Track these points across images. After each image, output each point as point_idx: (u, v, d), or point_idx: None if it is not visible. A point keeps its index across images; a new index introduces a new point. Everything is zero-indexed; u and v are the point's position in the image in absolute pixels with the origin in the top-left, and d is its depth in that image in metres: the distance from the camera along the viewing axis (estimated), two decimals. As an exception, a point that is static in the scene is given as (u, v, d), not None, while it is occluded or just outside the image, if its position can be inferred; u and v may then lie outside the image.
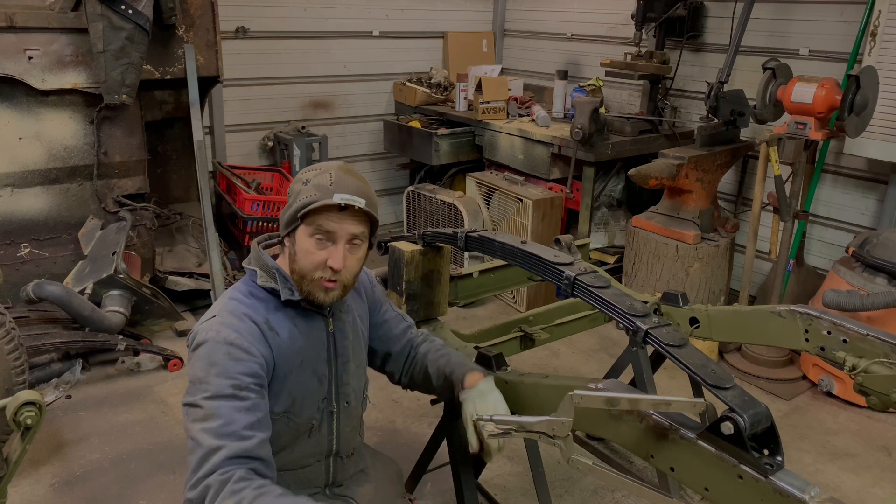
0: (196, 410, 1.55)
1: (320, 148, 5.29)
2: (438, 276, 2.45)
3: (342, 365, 1.83)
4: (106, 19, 3.47)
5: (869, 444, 3.33)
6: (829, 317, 1.93)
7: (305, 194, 1.64)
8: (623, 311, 1.81)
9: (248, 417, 1.55)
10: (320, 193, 1.62)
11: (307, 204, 1.62)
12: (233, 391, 1.55)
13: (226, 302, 1.70)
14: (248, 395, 1.57)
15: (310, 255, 1.65)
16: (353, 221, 1.66)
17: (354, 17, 5.55)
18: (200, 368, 1.58)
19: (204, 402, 1.54)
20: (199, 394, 1.55)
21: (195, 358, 1.61)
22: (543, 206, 4.48)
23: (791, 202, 3.77)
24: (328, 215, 1.63)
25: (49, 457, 3.05)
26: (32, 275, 3.71)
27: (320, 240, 1.65)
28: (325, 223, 1.64)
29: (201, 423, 1.52)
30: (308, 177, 1.68)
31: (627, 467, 3.00)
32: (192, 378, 1.60)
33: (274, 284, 1.71)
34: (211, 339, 1.60)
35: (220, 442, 1.49)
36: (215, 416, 1.52)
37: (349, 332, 1.85)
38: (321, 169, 1.69)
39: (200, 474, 1.48)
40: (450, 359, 1.94)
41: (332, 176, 1.65)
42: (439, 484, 2.79)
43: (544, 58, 5.95)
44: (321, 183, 1.64)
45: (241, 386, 1.57)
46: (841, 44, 4.08)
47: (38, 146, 3.73)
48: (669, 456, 1.44)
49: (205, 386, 1.56)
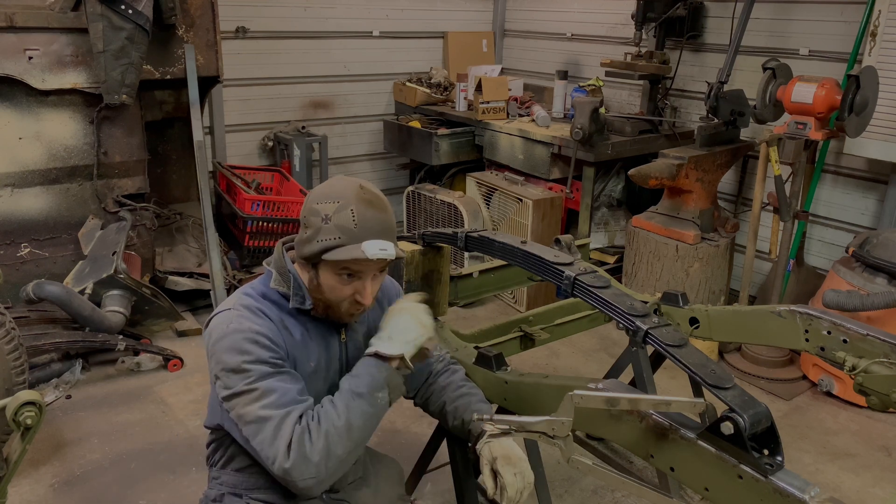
0: (245, 396, 1.58)
1: (320, 148, 5.29)
2: (438, 276, 2.45)
3: None
4: (106, 19, 3.47)
5: (869, 444, 3.33)
6: (829, 317, 1.93)
7: (328, 235, 1.58)
8: (623, 311, 1.81)
9: (297, 385, 1.62)
10: (346, 238, 1.57)
11: (330, 248, 1.58)
12: (273, 370, 1.60)
13: (240, 297, 1.71)
14: (287, 370, 1.63)
15: (336, 290, 1.64)
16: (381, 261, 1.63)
17: (354, 17, 5.55)
18: (232, 360, 1.59)
19: (253, 385, 1.57)
20: (240, 382, 1.58)
21: (221, 350, 1.61)
22: (543, 206, 4.48)
23: (791, 202, 3.77)
24: (357, 262, 1.60)
25: (49, 457, 3.05)
26: (32, 275, 3.71)
27: (348, 277, 1.63)
28: (352, 266, 1.61)
29: (258, 402, 1.56)
30: (327, 211, 1.59)
31: (627, 467, 3.00)
32: (224, 370, 1.60)
33: (286, 290, 1.70)
34: (234, 331, 1.61)
35: (286, 409, 1.56)
36: (269, 391, 1.56)
37: (362, 343, 1.82)
38: (340, 201, 1.60)
39: (282, 440, 1.53)
40: (469, 402, 1.90)
41: (355, 215, 1.58)
42: (439, 484, 2.79)
43: (544, 58, 5.95)
44: (343, 224, 1.58)
45: (278, 365, 1.61)
46: (841, 44, 4.08)
47: (38, 146, 3.73)
48: (669, 456, 1.44)
49: (244, 374, 1.58)
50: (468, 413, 1.86)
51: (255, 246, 4.49)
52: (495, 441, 1.73)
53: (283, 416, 1.55)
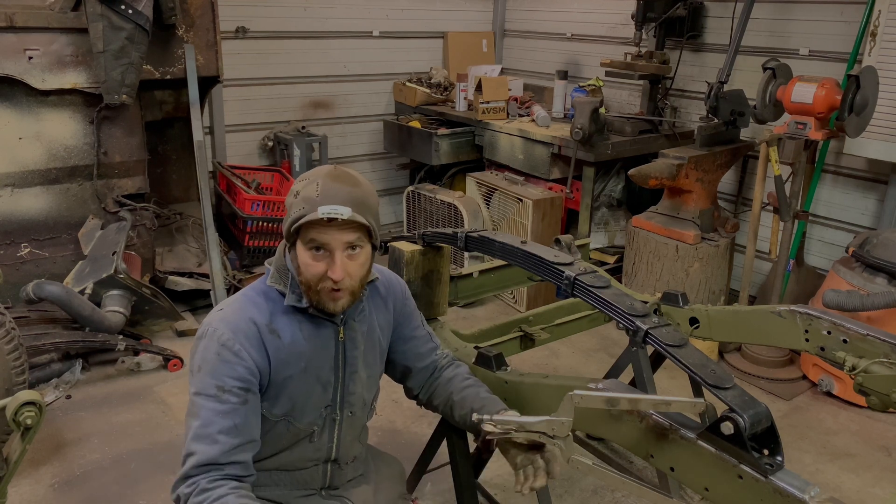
0: (189, 405, 1.64)
1: (320, 148, 5.29)
2: (438, 276, 2.45)
3: (350, 374, 1.80)
4: (106, 19, 3.47)
5: (869, 444, 3.33)
6: (829, 317, 1.93)
7: (296, 208, 1.62)
8: (623, 311, 1.81)
9: (224, 422, 1.60)
10: (308, 207, 1.59)
11: (296, 219, 1.61)
12: (215, 392, 1.61)
13: (238, 297, 1.74)
14: (228, 399, 1.61)
15: (310, 267, 1.64)
16: (345, 230, 1.62)
17: (354, 17, 5.55)
18: (195, 363, 1.66)
19: (192, 398, 1.63)
20: (192, 386, 1.64)
21: (195, 349, 1.68)
22: (543, 206, 4.48)
23: (791, 202, 3.77)
24: (318, 229, 1.61)
25: (49, 457, 3.05)
26: (32, 275, 3.71)
27: (317, 251, 1.63)
28: (317, 236, 1.61)
29: (188, 420, 1.63)
30: (298, 188, 1.65)
31: (627, 467, 3.00)
32: (190, 368, 1.68)
33: (282, 287, 1.71)
34: (208, 336, 1.65)
35: (194, 446, 1.59)
36: (196, 415, 1.61)
37: (361, 342, 1.82)
38: (310, 178, 1.65)
39: (178, 476, 1.59)
40: (478, 392, 1.90)
41: (319, 186, 1.61)
42: (439, 484, 2.79)
43: (544, 58, 5.95)
44: (308, 195, 1.61)
45: (225, 388, 1.61)
46: (841, 44, 4.08)
47: (38, 146, 3.73)
48: (669, 456, 1.44)
49: (195, 380, 1.64)
50: (477, 402, 1.85)
51: (255, 246, 4.49)
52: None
53: (187, 453, 1.59)
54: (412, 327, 1.99)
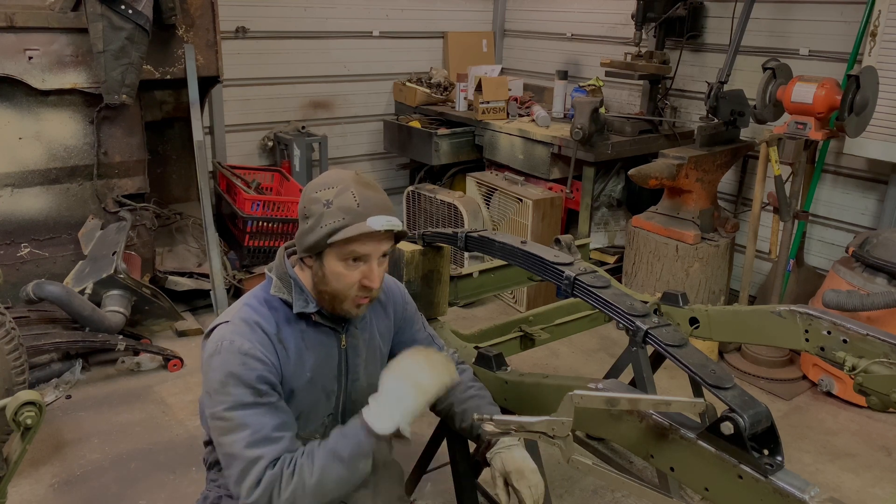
0: (222, 423, 1.57)
1: (320, 148, 5.29)
2: (438, 276, 2.45)
3: (352, 383, 1.79)
4: (106, 19, 3.47)
5: (869, 444, 3.34)
6: (829, 317, 1.93)
7: (332, 219, 1.56)
8: (623, 311, 1.81)
9: (273, 419, 1.58)
10: (350, 217, 1.55)
11: (337, 230, 1.56)
12: (253, 399, 1.57)
13: (240, 307, 1.69)
14: (268, 400, 1.59)
15: (343, 277, 1.61)
16: (384, 239, 1.61)
17: (354, 17, 5.55)
18: (217, 380, 1.58)
19: (228, 414, 1.56)
20: (220, 405, 1.57)
21: (211, 368, 1.61)
22: (543, 206, 4.48)
23: (791, 202, 3.77)
24: (362, 240, 1.57)
25: (49, 457, 3.05)
26: (32, 275, 3.71)
27: (354, 262, 1.61)
28: (359, 248, 1.58)
29: (232, 435, 1.55)
30: (327, 197, 1.58)
31: (627, 467, 3.00)
32: (209, 389, 1.60)
33: (286, 296, 1.68)
34: (225, 350, 1.59)
35: (257, 452, 1.53)
36: (243, 426, 1.55)
37: (363, 350, 1.81)
38: (337, 186, 1.59)
39: (248, 483, 1.53)
40: (480, 405, 1.88)
41: (356, 195, 1.57)
42: (439, 484, 2.79)
43: (544, 58, 5.95)
44: (346, 205, 1.56)
45: (261, 392, 1.58)
46: (841, 44, 4.08)
47: (38, 146, 3.73)
48: (669, 456, 1.44)
49: (225, 398, 1.57)
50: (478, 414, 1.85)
51: (255, 246, 4.49)
52: (507, 452, 1.73)
53: (250, 461, 1.53)
54: (413, 331, 1.98)
